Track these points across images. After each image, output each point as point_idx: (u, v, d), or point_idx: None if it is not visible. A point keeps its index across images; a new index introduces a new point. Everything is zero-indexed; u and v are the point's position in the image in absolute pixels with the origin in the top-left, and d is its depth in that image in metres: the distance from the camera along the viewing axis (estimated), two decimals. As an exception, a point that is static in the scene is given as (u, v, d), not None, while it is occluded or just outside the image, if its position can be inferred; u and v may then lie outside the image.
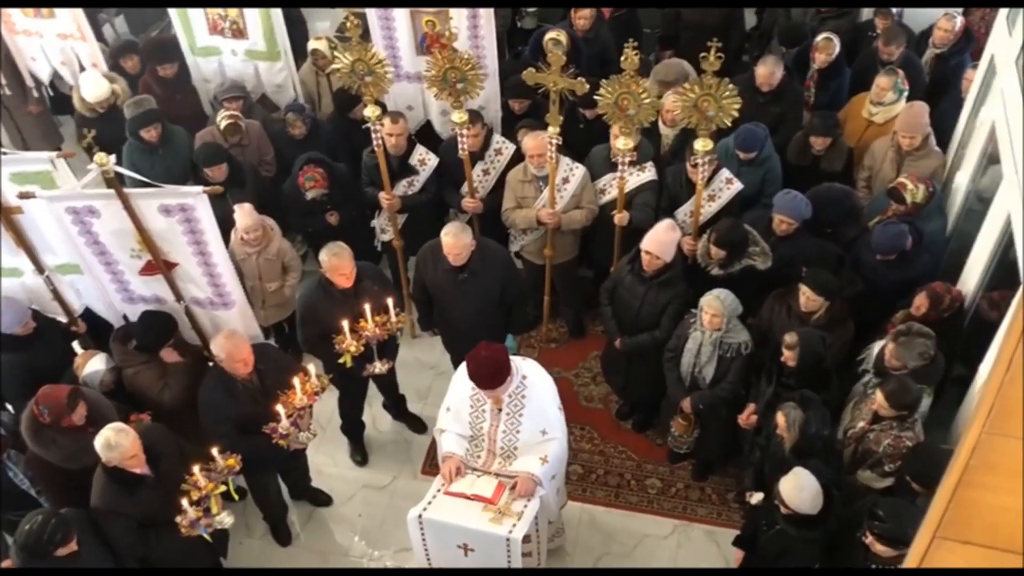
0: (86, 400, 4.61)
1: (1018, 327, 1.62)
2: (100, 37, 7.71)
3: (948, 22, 6.32)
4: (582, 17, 6.74)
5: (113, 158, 4.27)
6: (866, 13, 7.03)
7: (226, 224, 5.29)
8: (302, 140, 6.38)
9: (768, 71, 6.12)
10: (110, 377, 5.00)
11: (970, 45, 6.37)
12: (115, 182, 4.36)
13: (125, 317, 5.27)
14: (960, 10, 6.54)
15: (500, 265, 5.37)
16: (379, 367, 5.32)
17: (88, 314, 5.48)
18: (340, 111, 6.60)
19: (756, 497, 4.73)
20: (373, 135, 5.60)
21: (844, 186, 5.72)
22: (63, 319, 5.41)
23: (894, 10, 6.62)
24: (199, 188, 4.60)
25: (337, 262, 5.00)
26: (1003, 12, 5.30)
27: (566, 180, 5.67)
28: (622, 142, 5.17)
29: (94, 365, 4.98)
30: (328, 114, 6.87)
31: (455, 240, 5.06)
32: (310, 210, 6.02)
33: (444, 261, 5.20)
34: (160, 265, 4.81)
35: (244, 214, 5.52)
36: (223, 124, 6.20)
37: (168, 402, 5.02)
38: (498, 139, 6.11)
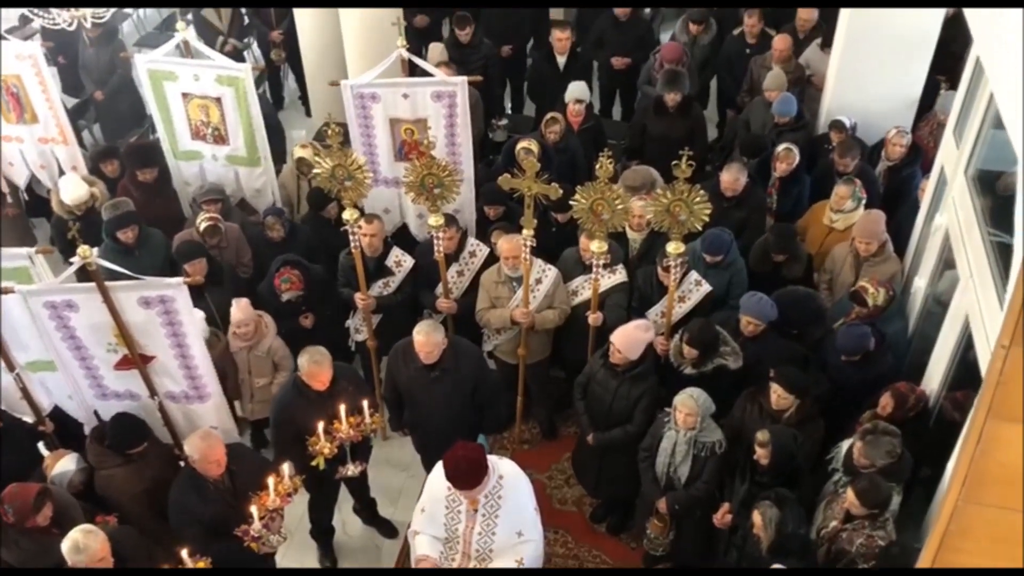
0: (54, 500, 4.51)
1: (986, 403, 1.72)
2: (80, 142, 7.84)
3: (899, 138, 6.67)
4: (552, 132, 7.02)
5: (96, 251, 4.32)
6: (822, 127, 7.41)
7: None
8: (280, 243, 6.47)
9: (733, 177, 6.39)
10: (79, 478, 4.90)
11: (919, 158, 6.72)
12: (97, 274, 4.40)
13: (97, 415, 5.21)
14: (908, 127, 6.94)
15: (473, 363, 5.42)
16: (352, 469, 5.28)
17: (55, 414, 5.40)
18: (314, 209, 6.74)
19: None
20: (351, 237, 5.72)
21: (808, 289, 5.92)
22: (30, 419, 5.33)
23: (848, 123, 6.98)
24: (179, 279, 4.66)
25: (316, 369, 5.02)
26: (950, 127, 5.64)
27: (539, 281, 5.80)
28: (596, 245, 5.33)
29: (64, 465, 4.89)
30: (303, 215, 7.00)
31: (426, 338, 5.11)
32: (285, 311, 6.06)
33: (416, 360, 5.24)
34: (136, 359, 4.81)
35: (238, 309, 5.58)
36: (203, 226, 6.28)
37: (140, 504, 4.92)
38: (472, 242, 6.26)
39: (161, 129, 6.98)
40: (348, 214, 5.57)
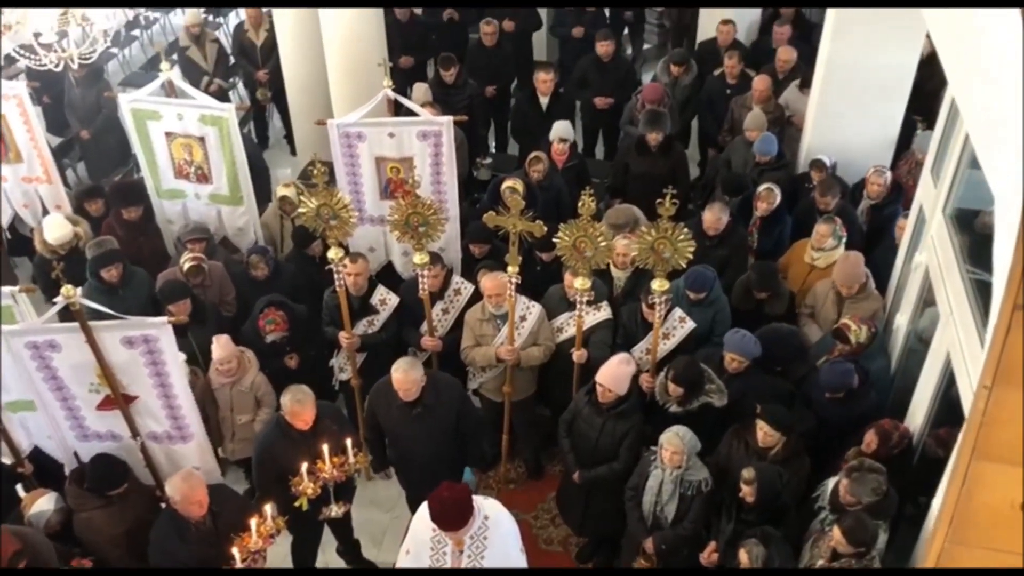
0: (29, 557, 4.40)
1: (969, 443, 1.73)
2: (64, 181, 7.83)
3: (878, 176, 6.77)
4: (536, 171, 7.08)
5: (80, 290, 4.30)
6: (802, 166, 7.51)
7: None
8: (264, 281, 6.45)
9: (715, 216, 6.45)
10: (57, 519, 4.83)
11: (900, 196, 6.81)
12: (80, 314, 4.37)
13: (77, 456, 5.14)
14: (887, 165, 7.05)
15: (453, 397, 5.41)
16: (335, 510, 5.23)
17: (34, 454, 5.33)
18: (298, 246, 6.75)
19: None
20: (335, 276, 5.72)
21: (791, 326, 5.96)
22: (7, 460, 5.25)
23: (828, 163, 7.08)
24: (163, 319, 4.64)
25: (299, 408, 5.00)
26: (928, 166, 5.72)
27: (523, 318, 5.81)
28: (580, 282, 5.35)
29: (41, 506, 4.82)
30: (288, 253, 7.00)
31: (404, 376, 5.11)
32: (269, 352, 6.03)
33: (397, 397, 5.22)
34: (119, 399, 4.77)
35: (220, 345, 5.55)
36: (186, 266, 6.26)
37: (119, 546, 4.84)
38: (457, 279, 6.27)
39: (145, 168, 6.99)
40: (333, 253, 5.58)
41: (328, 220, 5.45)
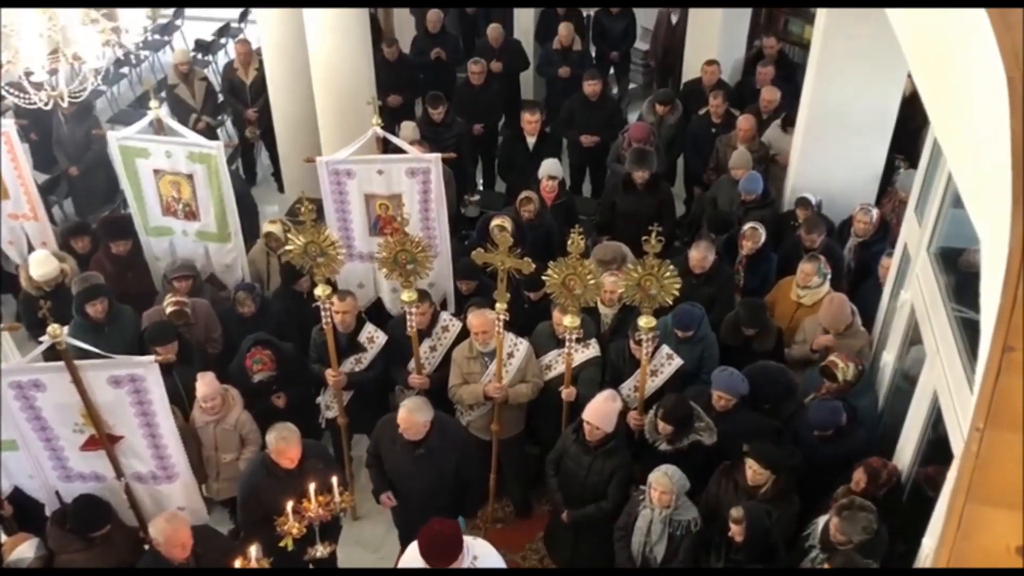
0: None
1: (963, 486, 1.73)
2: (51, 218, 7.81)
3: (865, 214, 6.83)
4: (527, 210, 7.12)
5: (66, 329, 4.27)
6: (787, 203, 7.58)
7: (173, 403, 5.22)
8: (251, 318, 6.43)
9: (701, 255, 6.49)
10: (37, 564, 4.73)
11: (887, 234, 6.87)
12: (66, 353, 4.33)
13: (59, 496, 5.06)
14: (872, 203, 7.13)
15: (458, 443, 5.39)
16: (321, 550, 5.15)
17: (14, 495, 5.24)
18: (286, 282, 6.73)
19: None
20: (323, 313, 5.70)
21: (779, 364, 5.97)
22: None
23: (813, 201, 7.15)
24: (150, 358, 4.61)
25: (284, 446, 4.96)
26: (912, 205, 5.79)
27: (511, 355, 5.80)
28: (569, 320, 5.35)
29: (22, 552, 4.72)
30: (275, 290, 6.98)
31: (408, 416, 5.08)
32: (256, 391, 5.98)
33: (401, 435, 5.19)
34: (104, 440, 4.71)
35: (204, 383, 5.50)
36: (168, 310, 6.23)
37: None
38: (445, 317, 6.27)
39: (132, 205, 6.98)
40: (320, 290, 5.57)
41: (315, 257, 5.44)
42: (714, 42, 9.49)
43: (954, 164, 3.88)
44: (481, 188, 9.49)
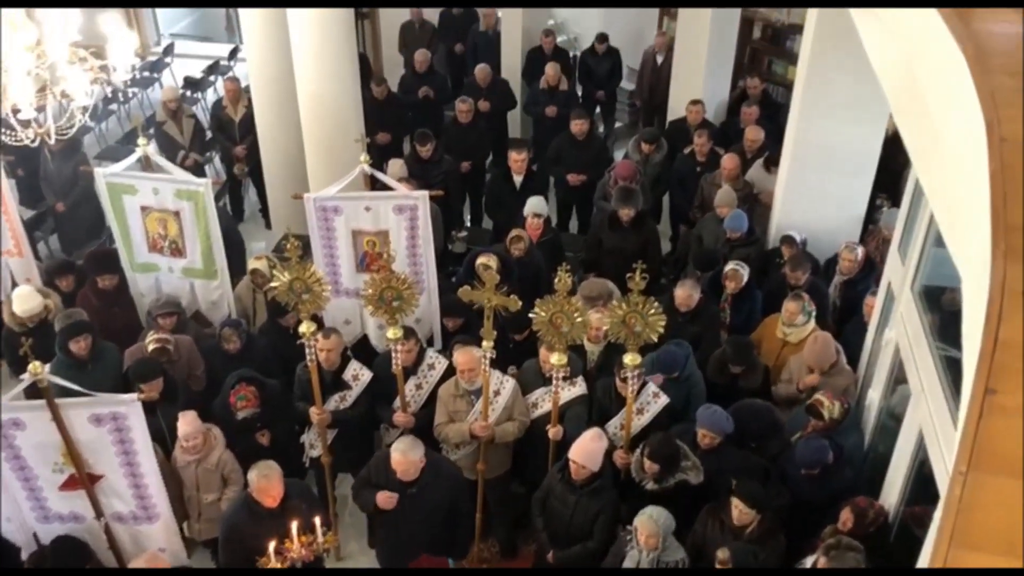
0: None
1: (947, 531, 1.73)
2: (36, 254, 7.77)
3: (850, 252, 6.86)
4: (517, 248, 7.14)
5: (47, 367, 4.23)
6: (772, 241, 7.63)
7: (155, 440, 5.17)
8: (236, 355, 6.39)
9: (686, 293, 6.51)
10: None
11: (873, 272, 6.90)
12: (48, 392, 4.29)
13: (36, 538, 4.98)
14: (856, 241, 7.19)
15: (451, 484, 5.36)
16: (304, 591, 5.08)
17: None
18: (272, 317, 6.71)
19: None
20: (307, 350, 5.67)
21: (765, 402, 5.97)
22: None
23: (798, 238, 7.20)
24: (133, 396, 4.57)
25: (266, 484, 4.92)
26: (895, 243, 5.84)
27: (497, 393, 5.77)
28: (556, 358, 5.34)
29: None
30: (261, 325, 6.94)
31: (403, 457, 5.06)
32: (240, 428, 5.93)
33: (393, 475, 5.15)
34: (84, 479, 4.64)
35: (185, 421, 5.45)
36: (151, 347, 6.19)
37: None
38: (431, 354, 6.24)
39: (119, 241, 6.97)
40: (305, 327, 5.54)
41: (301, 294, 5.43)
42: (699, 82, 9.61)
43: (935, 204, 3.93)
44: (469, 225, 9.52)
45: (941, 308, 4.97)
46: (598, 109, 10.94)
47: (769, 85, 10.33)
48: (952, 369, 4.41)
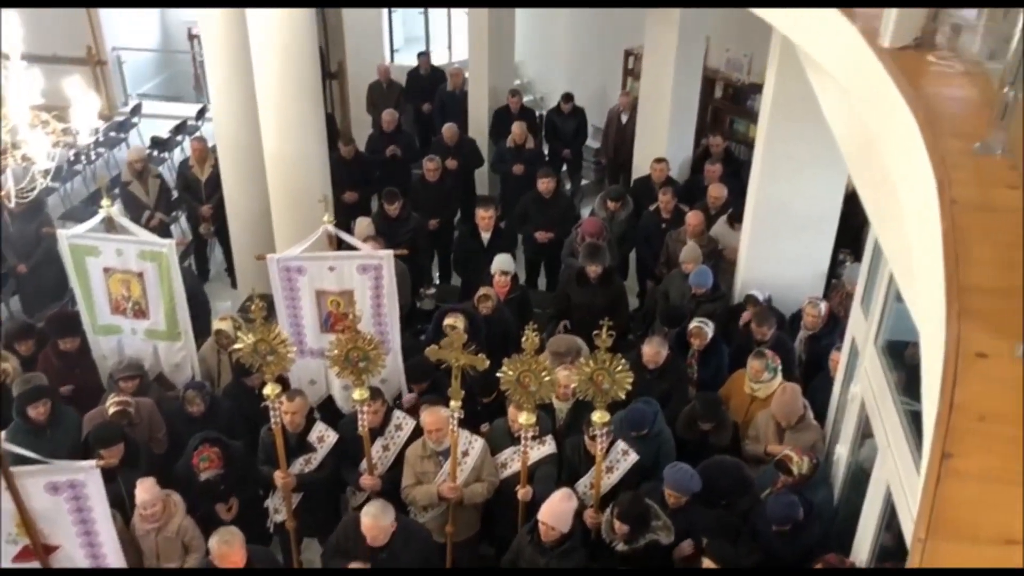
0: None
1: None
2: (-5, 317, 7.66)
3: (813, 307, 6.93)
4: (485, 307, 7.14)
5: (3, 433, 4.13)
6: (738, 296, 7.70)
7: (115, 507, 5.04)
8: (200, 418, 6.27)
9: (654, 350, 6.52)
10: None
11: (837, 326, 6.97)
12: (3, 459, 4.18)
13: (-14, 613, 4.80)
14: (821, 296, 7.27)
15: (421, 548, 5.27)
16: (267, 662, 4.94)
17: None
18: (237, 377, 6.62)
19: None
20: (271, 412, 5.58)
21: (734, 458, 5.95)
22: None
23: (760, 297, 7.27)
24: (91, 463, 4.46)
25: (227, 550, 4.81)
26: (858, 298, 5.91)
27: (465, 453, 5.71)
28: (525, 417, 5.30)
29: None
30: (226, 386, 6.84)
31: (373, 522, 4.98)
32: (203, 491, 5.80)
33: (363, 538, 5.05)
34: (39, 551, 4.50)
35: (143, 489, 5.31)
36: (111, 410, 6.06)
37: None
38: (398, 415, 6.17)
39: (81, 303, 6.87)
40: (269, 390, 5.46)
41: (265, 355, 5.36)
42: (663, 140, 9.79)
43: (893, 264, 3.99)
44: (437, 282, 9.52)
45: (905, 363, 5.00)
46: (564, 167, 11.08)
47: (732, 143, 10.55)
48: (917, 424, 4.42)
